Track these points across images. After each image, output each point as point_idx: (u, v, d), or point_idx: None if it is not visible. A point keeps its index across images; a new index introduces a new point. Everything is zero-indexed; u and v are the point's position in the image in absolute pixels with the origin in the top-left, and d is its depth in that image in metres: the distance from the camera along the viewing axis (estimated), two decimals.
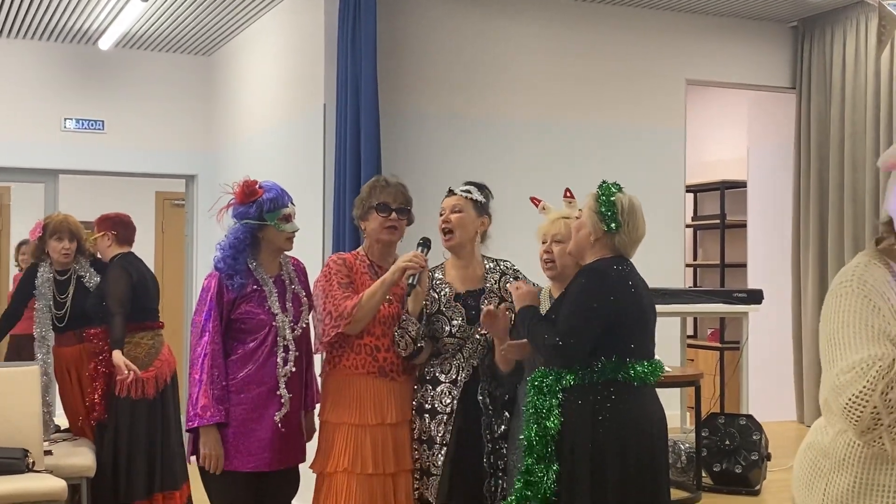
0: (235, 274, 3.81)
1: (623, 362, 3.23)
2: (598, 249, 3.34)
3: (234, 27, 7.64)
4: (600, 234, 3.33)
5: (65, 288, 5.58)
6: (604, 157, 6.90)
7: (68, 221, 5.58)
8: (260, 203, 3.82)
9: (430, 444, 3.71)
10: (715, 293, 6.75)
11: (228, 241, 3.85)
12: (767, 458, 5.65)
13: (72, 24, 7.58)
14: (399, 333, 3.73)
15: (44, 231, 5.58)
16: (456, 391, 3.69)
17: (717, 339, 8.99)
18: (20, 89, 8.06)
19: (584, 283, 3.27)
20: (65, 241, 5.53)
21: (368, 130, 5.76)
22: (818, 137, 7.52)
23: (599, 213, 3.32)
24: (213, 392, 3.73)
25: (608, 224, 3.30)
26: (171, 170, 8.63)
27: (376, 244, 3.90)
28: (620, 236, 3.32)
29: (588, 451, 3.19)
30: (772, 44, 7.65)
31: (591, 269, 3.30)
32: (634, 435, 3.21)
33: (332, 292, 3.74)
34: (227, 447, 3.77)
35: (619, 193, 3.36)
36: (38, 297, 5.58)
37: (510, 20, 6.73)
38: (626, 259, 3.36)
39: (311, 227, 6.08)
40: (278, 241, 3.90)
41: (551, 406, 3.24)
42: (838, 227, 7.32)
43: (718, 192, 9.22)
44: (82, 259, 5.64)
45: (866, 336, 2.03)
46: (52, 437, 5.50)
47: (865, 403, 1.97)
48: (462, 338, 3.72)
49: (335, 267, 3.82)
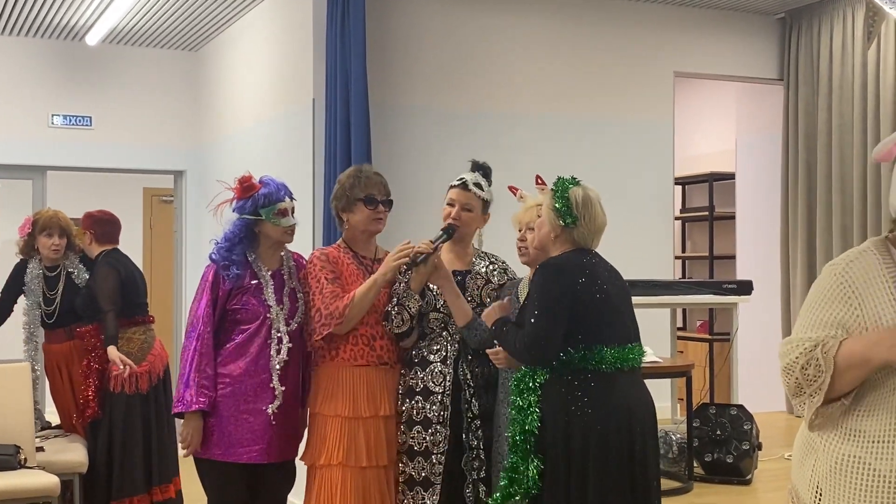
0: (231, 265, 3.83)
1: (590, 350, 3.25)
2: (560, 245, 3.40)
3: (221, 22, 7.62)
4: (559, 231, 3.38)
5: (54, 284, 5.56)
6: (592, 149, 6.91)
7: (58, 217, 5.58)
8: (255, 198, 3.86)
9: (426, 425, 3.70)
10: (705, 284, 6.77)
11: (225, 234, 3.90)
12: (759, 448, 5.68)
13: (59, 20, 7.55)
14: (396, 310, 3.73)
15: (33, 227, 5.56)
16: (448, 370, 3.72)
17: (706, 330, 9.03)
18: (6, 86, 8.03)
19: (541, 280, 3.30)
20: (55, 237, 5.52)
21: (358, 125, 5.76)
22: (806, 129, 7.55)
23: (555, 210, 3.36)
24: (199, 380, 3.75)
25: (564, 219, 3.35)
26: (160, 165, 8.60)
27: (360, 235, 3.92)
28: (579, 230, 3.36)
29: (565, 444, 3.21)
30: (759, 36, 7.68)
31: (546, 265, 3.35)
32: (611, 424, 3.21)
33: (322, 290, 3.76)
34: (220, 438, 3.78)
35: (574, 187, 3.40)
36: (28, 293, 5.57)
37: (498, 14, 6.73)
38: (586, 250, 3.40)
39: (301, 222, 6.04)
40: (275, 235, 3.91)
41: (530, 403, 3.27)
42: (826, 218, 7.35)
43: (707, 185, 9.25)
44: (72, 255, 5.63)
45: (818, 320, 2.32)
46: (43, 433, 5.49)
47: (790, 373, 2.31)
48: (447, 314, 3.75)
49: (319, 263, 3.84)
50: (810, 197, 7.52)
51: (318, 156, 6.09)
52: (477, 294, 3.81)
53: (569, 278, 3.27)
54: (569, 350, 3.25)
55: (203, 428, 3.80)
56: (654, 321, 6.09)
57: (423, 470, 3.71)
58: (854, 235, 7.12)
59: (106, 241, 5.55)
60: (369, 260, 3.92)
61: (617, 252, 3.78)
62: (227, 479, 3.83)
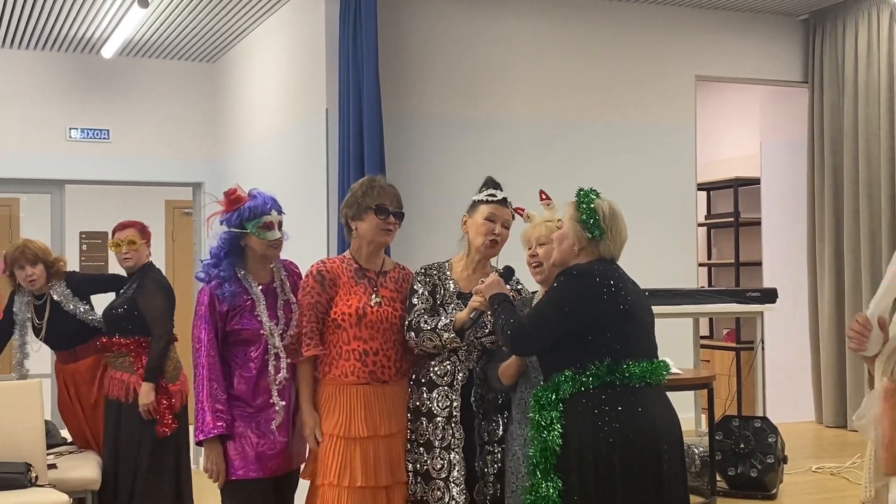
0: (224, 282, 3.79)
1: (618, 364, 3.17)
2: (584, 258, 3.32)
3: (235, 33, 7.59)
4: (584, 243, 3.31)
5: (42, 313, 5.47)
6: (612, 156, 6.81)
7: (25, 248, 5.39)
8: (241, 211, 3.81)
9: (427, 448, 3.64)
10: (728, 293, 6.62)
11: (210, 250, 3.88)
12: (784, 461, 5.54)
13: (74, 33, 7.54)
14: (430, 335, 3.61)
15: (5, 264, 5.45)
16: (454, 395, 3.63)
17: (733, 339, 8.87)
18: (23, 100, 8.04)
19: (563, 281, 3.25)
20: (27, 269, 5.36)
21: (371, 134, 5.71)
22: (832, 132, 7.41)
23: (581, 222, 3.29)
24: (213, 405, 3.71)
25: (592, 231, 3.28)
26: (177, 178, 8.58)
27: (367, 246, 3.83)
28: (605, 243, 3.31)
29: (593, 460, 3.12)
30: (782, 37, 7.54)
31: (571, 271, 3.28)
32: (640, 438, 3.13)
33: (302, 314, 3.75)
34: (241, 458, 3.75)
35: (598, 199, 3.34)
36: (17, 322, 5.51)
37: (513, 19, 6.64)
38: (610, 261, 3.32)
39: (315, 232, 6.02)
40: (259, 249, 3.84)
41: (552, 420, 3.19)
42: (854, 222, 7.21)
43: (732, 190, 9.09)
44: (55, 282, 5.46)
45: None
46: (56, 450, 5.44)
47: None
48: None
49: (311, 283, 3.78)
50: (837, 201, 7.38)
51: (331, 166, 6.04)
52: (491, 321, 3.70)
53: (594, 285, 3.20)
54: (596, 363, 3.17)
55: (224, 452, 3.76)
56: (676, 330, 5.96)
57: (425, 493, 3.64)
58: (883, 240, 6.98)
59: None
60: (373, 273, 3.83)
61: (639, 260, 3.71)
62: (253, 496, 3.78)
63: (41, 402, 5.19)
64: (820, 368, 7.48)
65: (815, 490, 5.57)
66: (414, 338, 3.66)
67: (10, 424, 4.98)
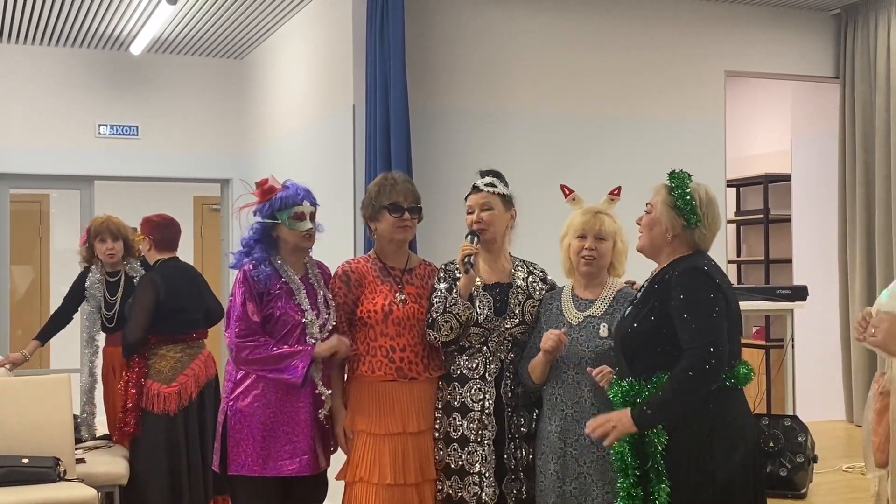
0: (259, 263, 3.76)
1: (730, 364, 2.97)
2: (677, 246, 3.08)
3: (263, 30, 7.60)
4: (678, 230, 3.06)
5: (115, 289, 5.60)
6: (641, 151, 6.75)
7: (109, 222, 5.61)
8: (273, 201, 3.79)
9: (462, 443, 3.61)
10: (757, 290, 6.56)
11: (242, 239, 3.87)
12: (814, 461, 5.48)
13: (103, 30, 7.58)
14: (444, 317, 3.59)
15: (87, 235, 5.63)
16: (487, 387, 3.60)
17: (762, 337, 8.79)
18: (53, 96, 8.09)
19: (691, 284, 2.96)
20: (108, 242, 5.56)
21: (398, 129, 5.69)
22: (863, 127, 7.32)
23: (676, 208, 3.05)
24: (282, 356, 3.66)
25: (689, 218, 3.04)
26: (206, 174, 8.62)
27: (388, 244, 3.82)
28: (700, 231, 3.06)
29: (709, 464, 2.90)
30: (813, 32, 7.46)
31: (691, 269, 2.99)
32: (749, 441, 2.98)
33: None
34: (256, 453, 3.69)
35: (693, 183, 3.09)
36: (88, 298, 5.63)
37: (542, 13, 6.60)
38: (707, 255, 3.11)
39: (342, 228, 6.01)
40: (292, 239, 3.82)
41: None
42: (886, 219, 7.13)
43: (762, 186, 9.02)
44: (132, 260, 5.65)
45: None
46: (86, 444, 5.45)
47: None
48: (487, 328, 3.63)
49: (338, 283, 3.80)
50: (868, 197, 7.30)
51: (358, 161, 6.03)
52: (518, 311, 3.66)
53: (717, 285, 2.97)
54: None
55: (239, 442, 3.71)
56: None
57: (459, 489, 3.61)
58: None
59: (164, 248, 5.36)
60: (399, 271, 3.81)
61: None
62: (263, 495, 3.74)
63: (70, 396, 5.21)
64: (851, 366, 7.41)
65: (846, 490, 5.51)
66: (432, 332, 3.64)
67: (39, 418, 5.01)
